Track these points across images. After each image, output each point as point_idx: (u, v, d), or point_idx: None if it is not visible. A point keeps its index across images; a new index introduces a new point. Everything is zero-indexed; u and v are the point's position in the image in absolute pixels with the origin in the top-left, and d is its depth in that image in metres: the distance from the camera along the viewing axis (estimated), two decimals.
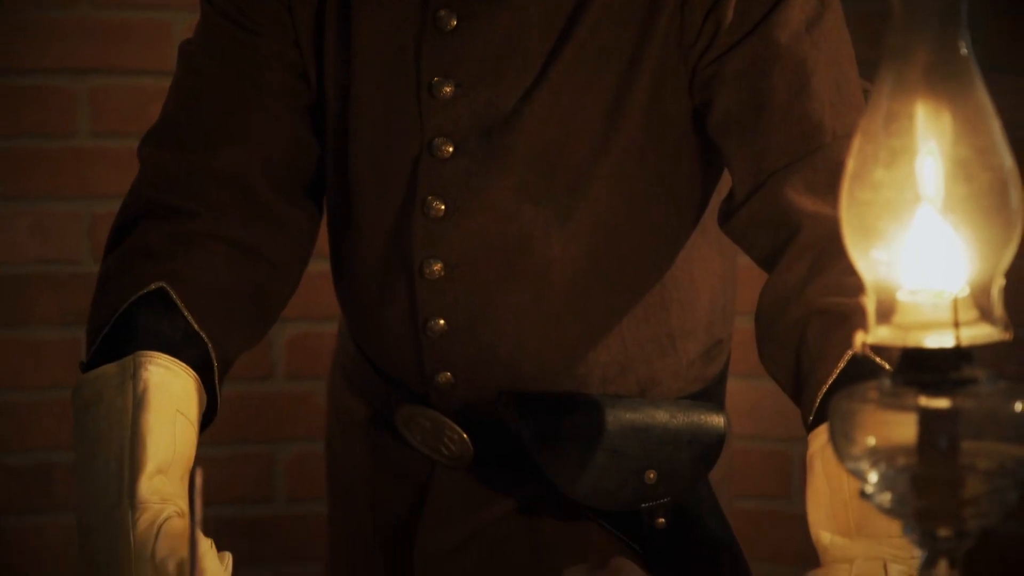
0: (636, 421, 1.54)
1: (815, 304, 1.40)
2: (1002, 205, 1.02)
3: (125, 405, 1.36)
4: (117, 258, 1.49)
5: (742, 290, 1.72)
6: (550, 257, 1.52)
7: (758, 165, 1.47)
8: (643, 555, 1.57)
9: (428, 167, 1.51)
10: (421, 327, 1.55)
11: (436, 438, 1.58)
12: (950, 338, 1.03)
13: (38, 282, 2.87)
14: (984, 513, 1.03)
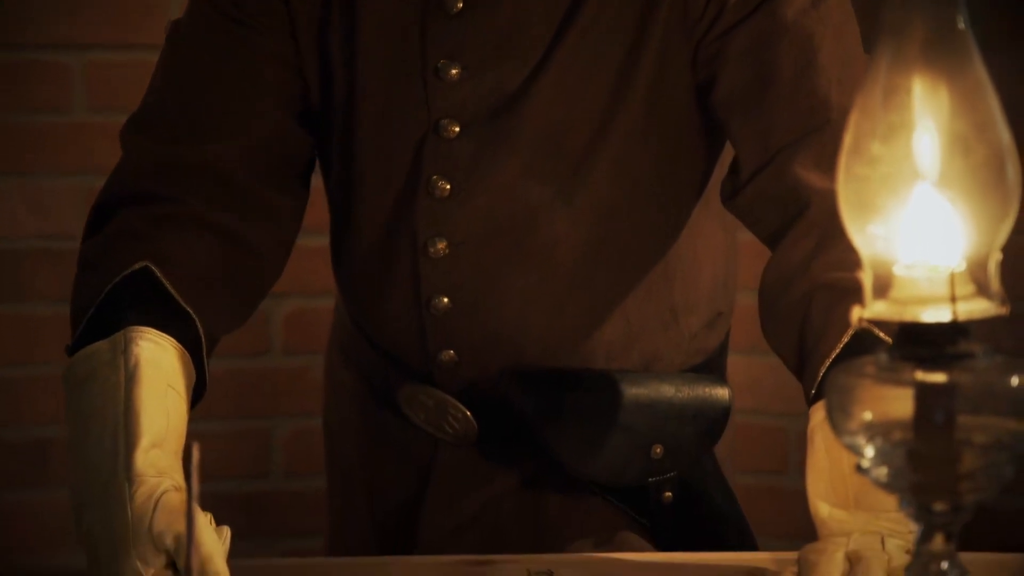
0: (642, 396, 1.54)
1: (820, 279, 1.40)
2: (999, 180, 1.02)
3: (118, 380, 1.35)
4: (99, 242, 1.49)
5: (742, 265, 1.72)
6: (555, 236, 1.52)
7: (765, 141, 1.47)
8: (650, 529, 1.58)
9: (434, 147, 1.51)
10: (425, 305, 1.55)
11: (440, 416, 1.58)
12: (947, 313, 1.03)
13: (36, 257, 2.87)
14: (980, 487, 1.04)
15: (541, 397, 1.55)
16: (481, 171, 1.51)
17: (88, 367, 1.39)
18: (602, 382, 1.55)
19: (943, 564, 1.06)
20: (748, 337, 1.77)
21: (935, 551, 1.06)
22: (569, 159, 1.51)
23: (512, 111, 1.50)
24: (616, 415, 1.54)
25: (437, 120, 1.51)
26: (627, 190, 1.53)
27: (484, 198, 1.52)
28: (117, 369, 1.36)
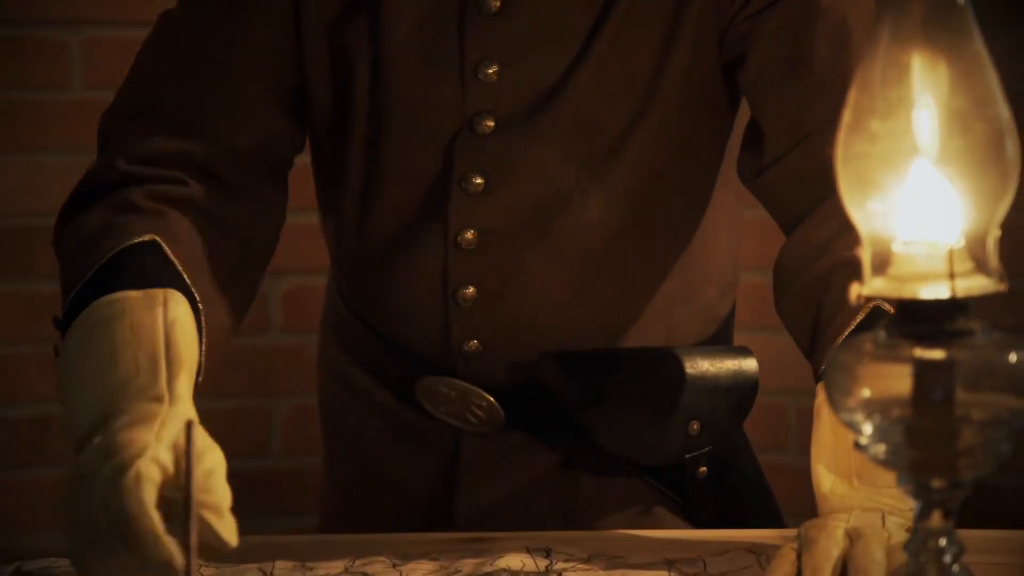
0: (683, 373, 1.54)
1: (841, 257, 1.40)
2: (998, 156, 1.02)
3: (156, 321, 1.30)
4: (98, 214, 1.44)
5: (744, 244, 1.72)
6: (587, 219, 1.52)
7: (796, 122, 1.47)
8: (682, 505, 1.58)
9: (467, 143, 1.51)
10: (451, 297, 1.54)
11: (463, 407, 1.58)
12: (945, 289, 1.03)
13: (34, 235, 2.87)
14: (978, 464, 1.04)
15: (584, 382, 1.54)
16: (515, 163, 1.51)
17: (118, 308, 1.31)
18: (644, 361, 1.55)
19: (941, 541, 1.06)
20: (749, 314, 1.77)
21: (933, 528, 1.06)
22: (604, 143, 1.51)
23: (549, 103, 1.49)
24: (661, 395, 1.54)
25: (471, 116, 1.50)
26: (658, 170, 1.53)
27: (518, 188, 1.51)
28: (155, 315, 1.30)
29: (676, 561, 1.35)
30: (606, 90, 1.49)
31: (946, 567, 1.06)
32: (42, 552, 1.39)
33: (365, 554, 1.37)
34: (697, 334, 1.61)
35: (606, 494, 1.59)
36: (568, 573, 1.33)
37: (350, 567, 1.35)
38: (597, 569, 1.34)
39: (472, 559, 1.36)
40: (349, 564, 1.36)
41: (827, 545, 1.25)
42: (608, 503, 1.59)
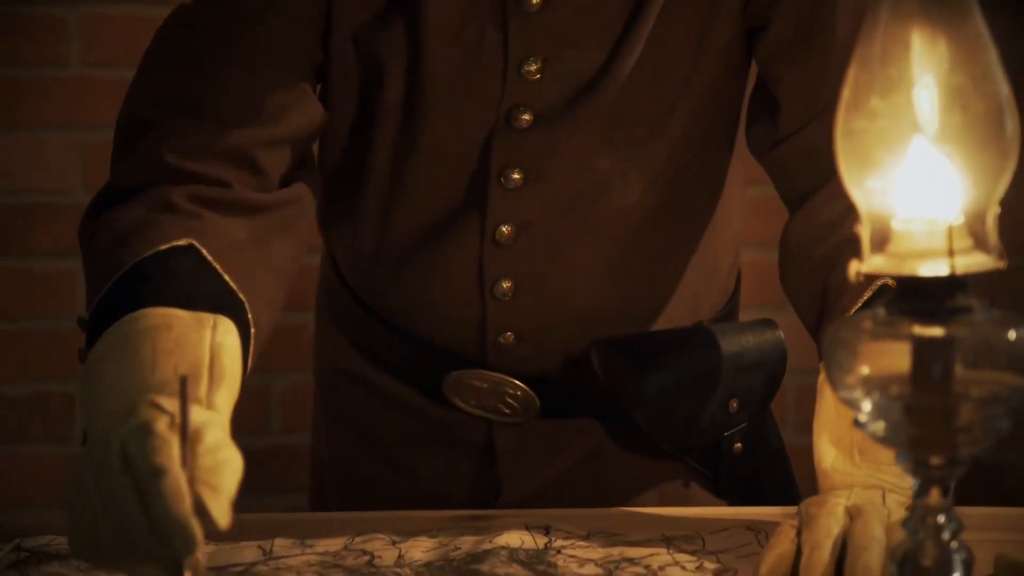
0: (727, 350, 1.54)
1: (849, 236, 1.40)
2: (998, 133, 1.02)
3: (203, 340, 1.24)
4: (136, 209, 1.39)
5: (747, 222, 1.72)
6: (626, 204, 1.51)
7: (813, 96, 1.47)
8: (715, 482, 1.59)
9: (505, 138, 1.49)
10: (488, 291, 1.53)
11: (495, 398, 1.57)
12: (945, 267, 1.03)
13: (32, 212, 2.87)
14: (977, 441, 1.04)
15: (640, 366, 1.54)
16: (554, 155, 1.49)
17: (163, 322, 1.25)
18: (684, 343, 1.54)
19: (940, 518, 1.06)
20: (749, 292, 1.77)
21: (932, 505, 1.06)
22: (644, 127, 1.50)
23: (589, 93, 1.48)
24: (713, 373, 1.53)
25: (508, 111, 1.49)
26: (693, 148, 1.52)
27: (557, 179, 1.50)
28: (203, 335, 1.24)
29: (675, 538, 1.35)
30: (647, 75, 1.48)
31: (944, 544, 1.06)
32: (41, 529, 1.39)
33: (364, 531, 1.37)
34: (714, 307, 1.61)
35: (641, 474, 1.59)
36: (567, 550, 1.33)
37: (349, 544, 1.35)
38: (596, 546, 1.34)
39: (471, 536, 1.36)
40: (348, 541, 1.36)
41: (827, 522, 1.25)
42: (643, 483, 1.59)
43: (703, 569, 1.28)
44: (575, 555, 1.32)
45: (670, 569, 1.28)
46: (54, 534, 1.38)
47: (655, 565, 1.29)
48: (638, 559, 1.31)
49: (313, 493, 1.75)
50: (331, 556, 1.33)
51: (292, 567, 1.31)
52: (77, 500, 1.16)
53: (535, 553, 1.32)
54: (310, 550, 1.34)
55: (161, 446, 1.11)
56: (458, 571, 1.28)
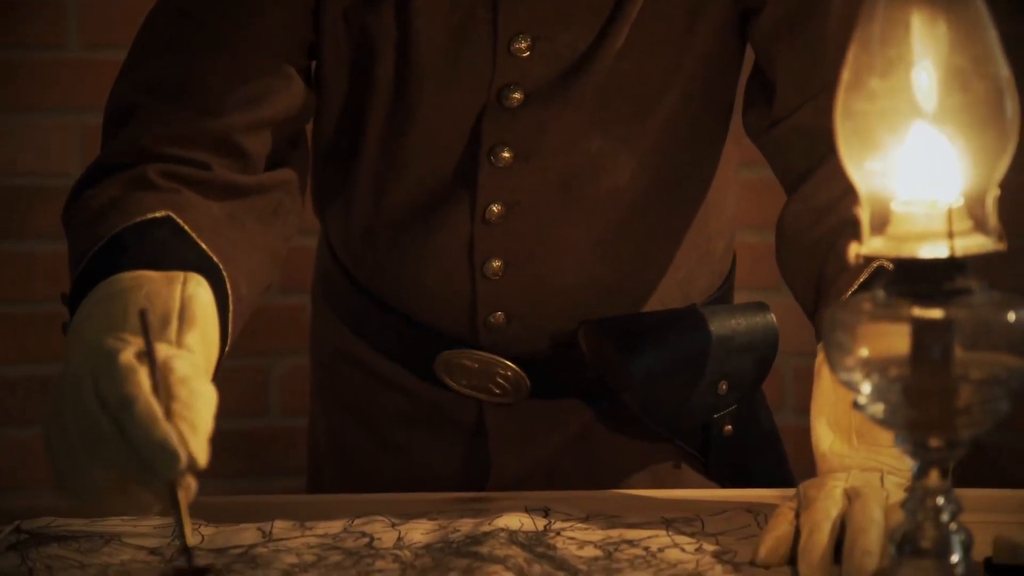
0: (716, 332, 1.54)
1: (846, 217, 1.40)
2: (997, 115, 1.02)
3: (173, 294, 1.26)
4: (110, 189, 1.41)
5: (742, 204, 1.72)
6: (617, 184, 1.51)
7: (809, 77, 1.47)
8: (705, 463, 1.59)
9: (496, 117, 1.49)
10: (478, 270, 1.54)
11: (486, 378, 1.57)
12: (944, 248, 1.03)
13: (30, 195, 2.87)
14: (976, 423, 1.04)
15: (627, 347, 1.54)
16: (545, 134, 1.49)
17: (134, 283, 1.27)
18: (674, 325, 1.54)
19: (939, 499, 1.06)
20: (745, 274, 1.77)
21: (931, 486, 1.06)
22: (635, 106, 1.50)
23: (579, 72, 1.48)
24: (701, 355, 1.53)
25: (499, 89, 1.49)
26: (684, 130, 1.52)
27: (548, 158, 1.50)
28: (173, 290, 1.27)
29: (674, 520, 1.35)
30: (637, 55, 1.48)
31: (943, 526, 1.06)
32: (41, 511, 1.39)
33: (364, 514, 1.37)
34: (707, 290, 1.61)
35: (631, 456, 1.59)
36: (566, 532, 1.33)
37: (349, 526, 1.35)
38: (595, 528, 1.34)
39: (470, 519, 1.36)
40: (348, 523, 1.36)
41: (825, 504, 1.25)
42: (632, 464, 1.59)
43: (702, 551, 1.28)
44: (574, 537, 1.32)
45: (669, 551, 1.29)
46: (54, 516, 1.38)
47: (654, 547, 1.29)
48: (637, 541, 1.31)
49: (310, 476, 1.75)
50: (331, 538, 1.33)
51: (291, 549, 1.31)
52: (59, 446, 1.16)
53: (534, 535, 1.32)
54: (310, 532, 1.34)
55: (128, 375, 1.14)
56: (457, 553, 1.28)
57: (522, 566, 1.24)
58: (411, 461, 1.62)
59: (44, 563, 1.29)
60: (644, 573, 1.24)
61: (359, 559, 1.28)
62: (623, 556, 1.28)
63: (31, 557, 1.30)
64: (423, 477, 1.60)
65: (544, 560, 1.26)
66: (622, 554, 1.28)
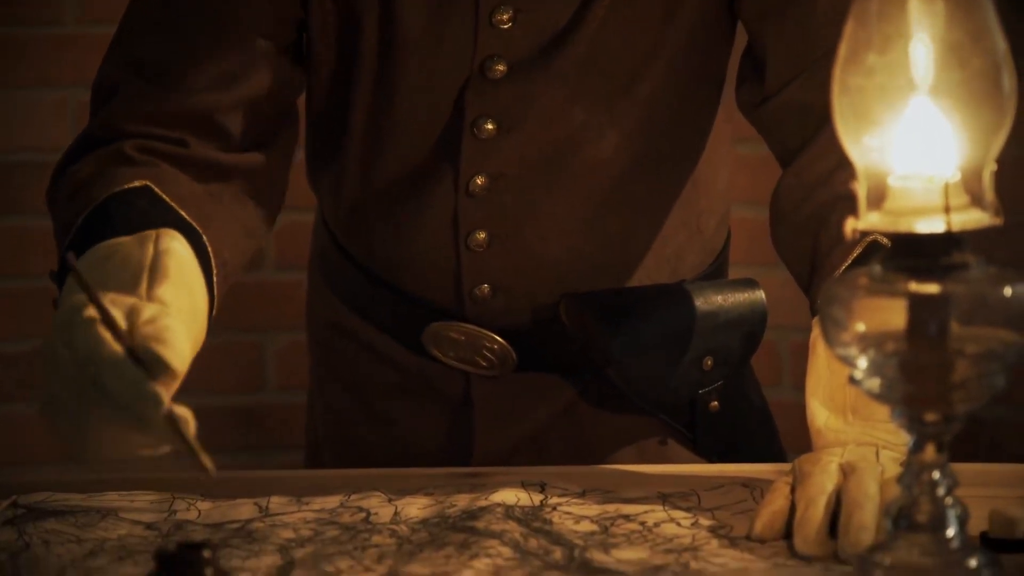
0: (700, 308, 1.54)
1: (842, 190, 1.40)
2: (995, 90, 1.02)
3: (144, 255, 1.28)
4: (88, 165, 1.43)
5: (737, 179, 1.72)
6: (600, 158, 1.51)
7: (800, 51, 1.46)
8: (692, 439, 1.59)
9: (479, 89, 1.49)
10: (463, 242, 1.54)
11: (472, 351, 1.57)
12: (941, 223, 1.03)
13: (26, 170, 2.86)
14: (972, 397, 1.04)
15: (602, 322, 1.54)
16: (528, 106, 1.49)
17: (106, 252, 1.30)
18: (659, 299, 1.55)
19: (935, 474, 1.06)
20: (741, 250, 1.77)
21: (927, 461, 1.06)
22: (618, 80, 1.50)
23: (562, 44, 1.48)
24: (677, 333, 1.54)
25: (483, 61, 1.49)
26: (668, 104, 1.52)
27: (531, 130, 1.50)
28: (145, 250, 1.29)
29: (670, 495, 1.35)
30: (619, 28, 1.48)
31: (939, 500, 1.06)
32: (38, 486, 1.39)
33: (360, 489, 1.38)
34: (698, 267, 1.61)
35: (618, 430, 1.59)
36: (562, 508, 1.33)
37: (345, 502, 1.36)
38: (591, 503, 1.34)
39: (467, 494, 1.36)
40: (344, 499, 1.36)
41: (821, 479, 1.25)
42: (619, 439, 1.59)
43: (698, 526, 1.29)
44: (570, 512, 1.32)
45: (665, 526, 1.29)
46: (51, 491, 1.38)
47: (650, 522, 1.30)
48: (633, 516, 1.31)
49: (308, 452, 1.75)
50: (327, 513, 1.33)
51: (288, 524, 1.31)
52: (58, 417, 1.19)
53: (530, 510, 1.32)
54: (306, 507, 1.34)
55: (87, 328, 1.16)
56: (454, 528, 1.28)
57: (518, 541, 1.25)
58: (400, 433, 1.62)
59: (41, 537, 1.29)
60: (640, 548, 1.24)
61: (355, 534, 1.29)
62: (619, 531, 1.28)
63: (28, 532, 1.30)
64: (411, 449, 1.61)
65: (540, 535, 1.27)
66: (618, 529, 1.28)
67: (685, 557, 1.22)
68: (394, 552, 1.24)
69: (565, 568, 1.20)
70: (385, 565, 1.21)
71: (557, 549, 1.24)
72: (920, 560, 1.06)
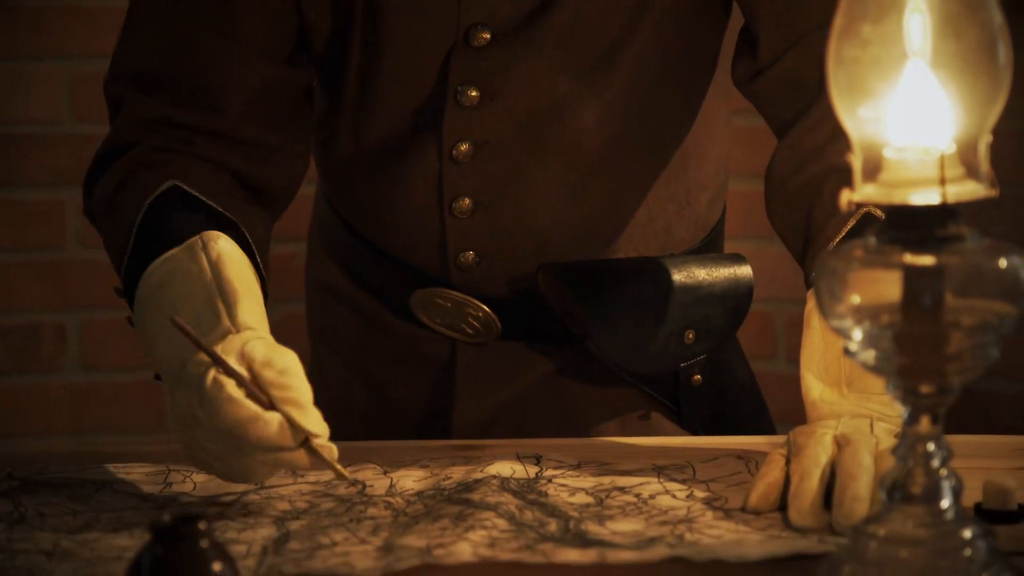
0: (679, 282, 1.54)
1: (834, 162, 1.40)
2: (990, 61, 1.02)
3: (202, 268, 1.35)
4: (113, 179, 1.48)
5: (734, 153, 1.72)
6: (582, 127, 1.52)
7: (789, 25, 1.46)
8: (676, 412, 1.59)
9: (463, 56, 1.50)
10: (447, 208, 1.54)
11: (459, 317, 1.58)
12: (936, 195, 1.03)
13: (20, 142, 2.86)
14: (967, 369, 1.04)
15: (581, 292, 1.54)
16: (511, 74, 1.50)
17: (164, 270, 1.37)
18: (640, 271, 1.55)
19: (929, 445, 1.06)
20: (737, 223, 1.77)
21: (921, 433, 1.06)
22: (600, 51, 1.50)
23: (544, 13, 1.48)
24: (656, 305, 1.54)
25: (467, 29, 1.49)
26: (652, 77, 1.52)
27: (513, 99, 1.51)
28: (200, 262, 1.35)
29: (665, 467, 1.36)
30: None
31: (934, 471, 1.07)
32: (33, 459, 1.39)
33: (356, 461, 1.38)
34: (689, 241, 1.61)
35: (601, 402, 1.60)
36: (558, 480, 1.33)
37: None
38: (586, 475, 1.34)
39: (462, 466, 1.36)
40: None
41: (816, 451, 1.25)
42: (603, 410, 1.60)
43: (693, 498, 1.29)
44: (566, 484, 1.32)
45: (660, 498, 1.29)
46: (45, 463, 1.38)
47: (645, 494, 1.30)
48: (629, 488, 1.31)
49: None
50: (323, 485, 1.34)
51: (284, 496, 1.31)
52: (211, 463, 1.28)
53: (526, 482, 1.32)
54: (302, 479, 1.34)
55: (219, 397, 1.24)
56: (449, 500, 1.29)
57: (514, 513, 1.25)
58: (388, 396, 1.63)
59: (36, 510, 1.29)
60: (635, 519, 1.24)
61: (351, 506, 1.29)
62: (614, 503, 1.28)
63: (23, 504, 1.30)
64: (398, 412, 1.62)
65: (536, 507, 1.27)
66: (613, 501, 1.29)
67: (680, 529, 1.22)
68: (389, 524, 1.24)
69: (560, 540, 1.20)
70: (380, 537, 1.21)
71: (552, 521, 1.24)
72: (914, 531, 1.06)
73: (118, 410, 2.89)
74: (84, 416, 2.90)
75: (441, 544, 1.19)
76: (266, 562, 1.17)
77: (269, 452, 1.24)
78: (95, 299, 2.85)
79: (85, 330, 2.89)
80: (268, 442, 1.23)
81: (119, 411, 2.89)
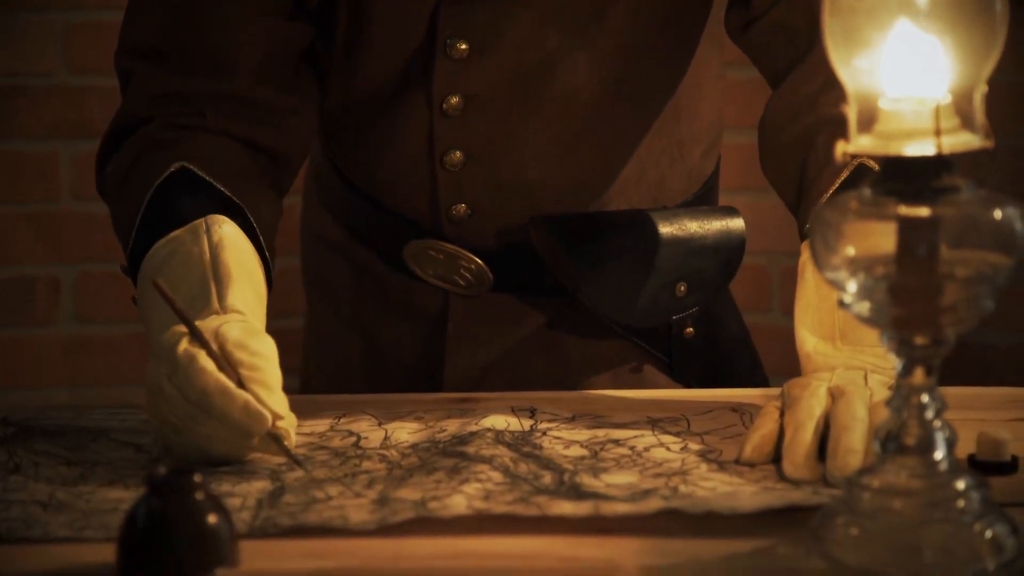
0: (670, 234, 1.54)
1: (827, 113, 1.40)
2: (986, 11, 1.01)
3: (203, 250, 1.36)
4: (125, 158, 1.48)
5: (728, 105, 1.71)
6: (573, 81, 1.51)
7: None
8: (669, 365, 1.59)
9: (452, 9, 1.49)
10: (438, 160, 1.54)
11: (451, 269, 1.58)
12: (931, 146, 1.02)
13: (14, 94, 2.85)
14: (961, 321, 1.04)
15: (572, 244, 1.54)
16: (500, 28, 1.50)
17: (167, 250, 1.38)
18: (631, 224, 1.55)
19: (923, 397, 1.07)
20: (732, 175, 1.77)
21: (916, 384, 1.06)
22: (589, 4, 1.49)
23: None
24: (647, 255, 1.54)
25: None
26: (643, 31, 1.52)
27: (502, 53, 1.50)
28: (201, 244, 1.37)
29: (660, 420, 1.36)
30: None
31: (928, 423, 1.07)
32: (28, 407, 1.39)
33: (350, 413, 1.38)
34: (683, 193, 1.61)
35: (593, 354, 1.60)
36: (552, 432, 1.33)
37: (335, 425, 1.36)
38: (581, 428, 1.34)
39: (457, 419, 1.36)
40: (334, 422, 1.36)
41: (810, 403, 1.25)
42: (595, 363, 1.60)
43: (688, 450, 1.29)
44: (560, 436, 1.33)
45: (655, 450, 1.29)
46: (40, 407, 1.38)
47: (640, 446, 1.30)
48: (623, 440, 1.31)
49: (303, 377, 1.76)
50: (317, 437, 1.34)
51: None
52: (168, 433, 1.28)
53: (520, 435, 1.33)
54: (296, 431, 1.34)
55: (190, 366, 1.24)
56: (444, 453, 1.29)
57: (508, 465, 1.25)
58: (380, 348, 1.63)
59: (31, 459, 1.29)
60: (630, 472, 1.25)
61: (346, 459, 1.29)
62: (609, 455, 1.28)
63: (18, 453, 1.30)
64: (391, 363, 1.62)
65: (530, 459, 1.27)
66: (608, 453, 1.29)
67: (674, 481, 1.22)
68: (384, 477, 1.24)
69: (555, 492, 1.20)
70: (375, 490, 1.22)
71: (547, 474, 1.24)
72: (908, 482, 1.06)
73: (112, 363, 2.89)
74: (78, 369, 2.90)
75: (436, 497, 1.19)
76: (261, 515, 1.17)
77: (229, 429, 1.24)
78: (89, 252, 2.85)
79: (80, 283, 2.88)
80: (230, 417, 1.24)
81: (113, 364, 2.89)
